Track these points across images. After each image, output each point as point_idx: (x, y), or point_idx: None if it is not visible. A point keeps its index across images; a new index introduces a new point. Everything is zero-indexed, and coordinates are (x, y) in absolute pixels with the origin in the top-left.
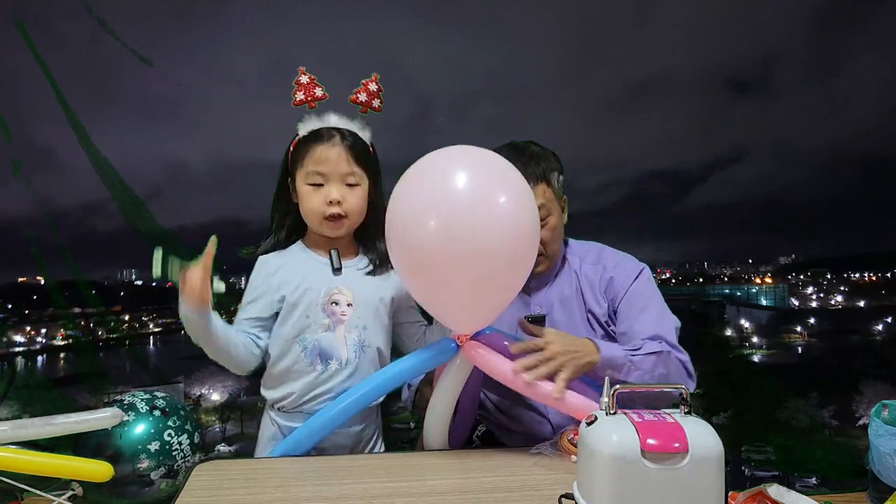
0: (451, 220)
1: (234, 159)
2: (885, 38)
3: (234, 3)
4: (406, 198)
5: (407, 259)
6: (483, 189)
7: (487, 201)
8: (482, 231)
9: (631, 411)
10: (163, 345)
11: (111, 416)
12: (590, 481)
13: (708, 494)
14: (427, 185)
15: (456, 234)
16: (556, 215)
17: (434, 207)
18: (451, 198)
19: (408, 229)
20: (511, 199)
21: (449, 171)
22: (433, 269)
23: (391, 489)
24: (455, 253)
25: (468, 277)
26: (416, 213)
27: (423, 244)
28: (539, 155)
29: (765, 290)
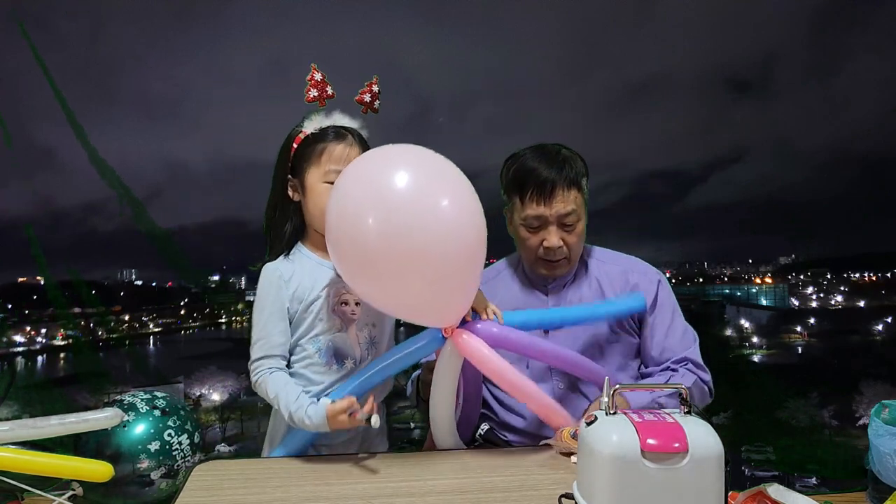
0: (390, 221)
1: (234, 159)
2: (885, 38)
3: (234, 3)
4: (345, 203)
5: (356, 272)
6: (416, 185)
7: (422, 198)
8: (421, 229)
9: (630, 411)
10: (163, 345)
11: (111, 416)
12: (590, 481)
13: (708, 494)
14: (365, 187)
15: (396, 234)
16: (582, 221)
17: (372, 210)
18: (389, 198)
19: (349, 240)
20: (449, 194)
21: (384, 172)
22: (382, 276)
23: (391, 489)
24: (399, 255)
25: (420, 279)
26: (355, 219)
27: (367, 250)
28: (570, 159)
29: (765, 290)
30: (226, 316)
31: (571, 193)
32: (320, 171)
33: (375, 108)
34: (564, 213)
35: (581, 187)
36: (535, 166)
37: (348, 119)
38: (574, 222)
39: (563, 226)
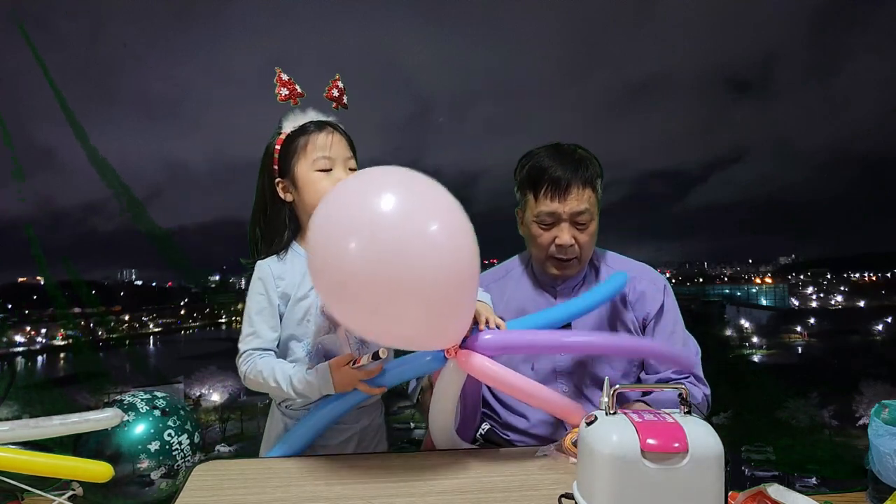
0: (374, 247)
1: (234, 159)
2: (885, 38)
3: (234, 3)
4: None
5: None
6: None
7: (409, 221)
8: (410, 254)
9: (630, 411)
10: (163, 345)
11: (111, 416)
12: (590, 481)
13: (708, 494)
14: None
15: (382, 261)
16: (595, 221)
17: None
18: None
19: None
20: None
21: (371, 195)
22: (371, 307)
23: (391, 489)
24: (388, 283)
25: (413, 307)
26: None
27: (351, 279)
28: (586, 159)
29: (765, 290)
30: (226, 316)
31: (586, 192)
32: (308, 161)
33: (345, 104)
34: (578, 210)
35: (595, 188)
36: (551, 164)
37: (323, 116)
38: (587, 221)
39: (575, 224)
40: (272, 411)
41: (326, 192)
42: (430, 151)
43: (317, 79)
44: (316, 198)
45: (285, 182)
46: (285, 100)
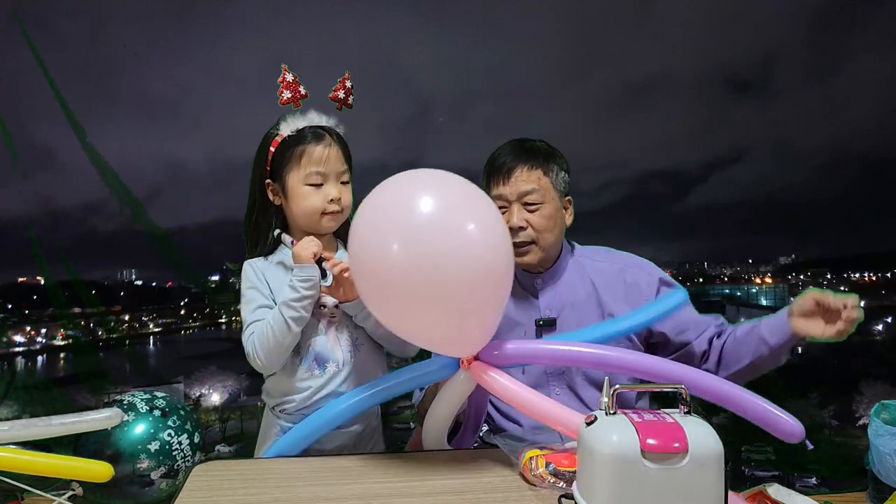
0: (415, 248)
1: (234, 159)
2: (885, 38)
3: (234, 3)
4: (369, 230)
5: (378, 297)
6: (445, 212)
7: (450, 223)
8: (447, 257)
9: (630, 411)
10: (163, 345)
11: (111, 417)
12: (590, 481)
13: (708, 494)
14: (389, 213)
15: (421, 263)
16: (552, 205)
17: (397, 236)
18: (415, 224)
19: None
20: (476, 219)
21: (411, 195)
22: (405, 306)
23: (390, 489)
24: (424, 285)
25: (446, 307)
26: (380, 243)
27: (390, 280)
28: (539, 148)
29: (765, 290)
30: (226, 316)
31: (534, 174)
32: (300, 173)
33: (350, 104)
34: (525, 190)
35: (548, 172)
36: (500, 153)
37: (325, 118)
38: (537, 202)
39: (525, 205)
40: (266, 415)
41: (316, 206)
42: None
43: (317, 79)
44: (304, 210)
45: (275, 186)
46: (287, 103)
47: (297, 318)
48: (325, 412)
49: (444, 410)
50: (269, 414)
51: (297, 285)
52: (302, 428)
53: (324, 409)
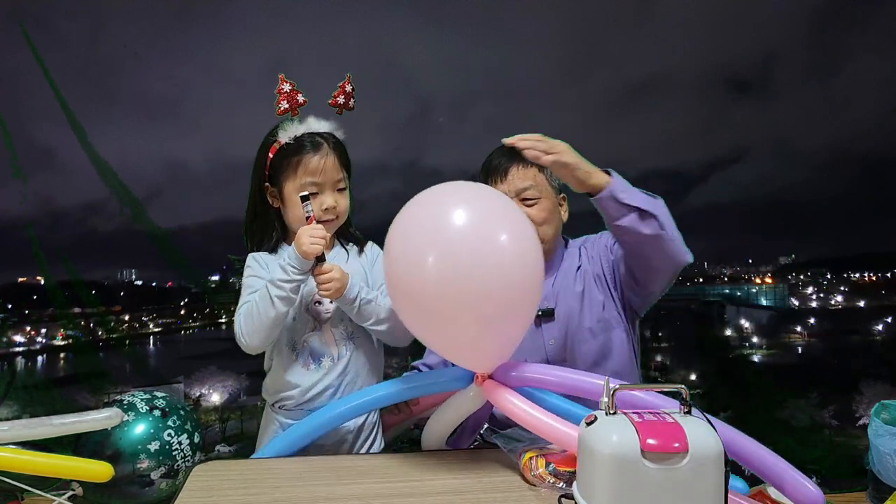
0: (450, 257)
1: (234, 159)
2: (885, 38)
3: (234, 3)
4: (404, 235)
5: (409, 303)
6: (482, 224)
7: (487, 236)
8: (482, 267)
9: (630, 411)
10: (163, 345)
11: (111, 416)
12: (590, 481)
13: (708, 494)
14: (426, 222)
15: (456, 272)
16: (549, 200)
17: (433, 245)
18: (451, 235)
19: (408, 270)
20: (511, 231)
21: (447, 206)
22: (435, 311)
23: (390, 489)
24: (457, 293)
25: (473, 317)
26: (414, 250)
27: (424, 286)
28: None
29: (765, 290)
30: (226, 316)
31: (529, 171)
32: (297, 182)
33: (351, 107)
34: (522, 187)
35: (542, 168)
36: (494, 155)
37: (324, 122)
38: (534, 197)
39: (524, 201)
40: (266, 412)
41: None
42: (430, 151)
43: (317, 79)
44: (299, 219)
45: (273, 190)
46: (284, 113)
47: (282, 297)
48: (326, 411)
49: (448, 419)
50: (269, 411)
51: (288, 269)
52: (303, 426)
53: (326, 409)
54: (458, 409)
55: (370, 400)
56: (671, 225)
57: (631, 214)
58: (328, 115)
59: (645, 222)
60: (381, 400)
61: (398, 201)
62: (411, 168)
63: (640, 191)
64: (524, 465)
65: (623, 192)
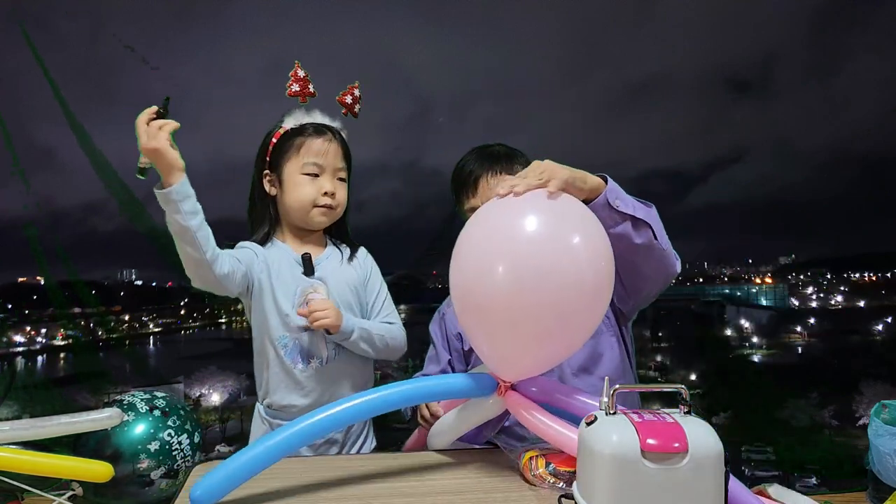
0: (523, 269)
1: (234, 159)
2: (885, 38)
3: (234, 3)
4: (475, 241)
5: (471, 302)
6: (561, 238)
7: (563, 250)
8: (554, 282)
9: (630, 411)
10: (163, 345)
11: (111, 417)
12: (589, 481)
13: (708, 495)
14: (499, 230)
15: (528, 284)
16: None
17: (503, 254)
18: (522, 245)
19: (476, 274)
20: (587, 247)
21: (523, 214)
22: (498, 317)
23: (390, 489)
24: (525, 304)
25: (533, 329)
26: (485, 257)
27: (493, 292)
28: (501, 153)
29: (765, 290)
30: (226, 316)
31: (502, 179)
32: (298, 163)
33: (356, 112)
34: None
35: (512, 173)
36: (464, 164)
37: (329, 119)
38: None
39: None
40: (256, 414)
41: (309, 196)
42: (430, 151)
43: (317, 79)
44: (298, 198)
45: (272, 176)
46: (294, 95)
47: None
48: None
49: (462, 424)
50: (258, 413)
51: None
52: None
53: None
54: (474, 416)
55: (381, 398)
56: (663, 234)
57: (625, 223)
58: (335, 115)
59: (638, 231)
60: (395, 401)
61: (398, 201)
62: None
63: (633, 198)
64: (524, 465)
65: (617, 199)
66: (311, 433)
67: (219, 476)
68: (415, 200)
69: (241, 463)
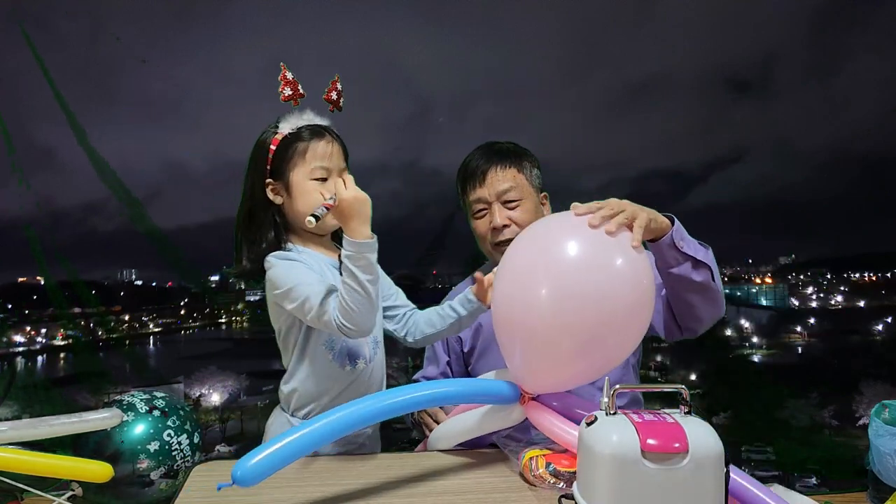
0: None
1: (234, 159)
2: (885, 38)
3: (234, 3)
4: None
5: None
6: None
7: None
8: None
9: (630, 411)
10: (163, 345)
11: (111, 417)
12: (590, 482)
13: (708, 495)
14: (549, 251)
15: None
16: (531, 200)
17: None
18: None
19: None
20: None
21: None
22: (538, 336)
23: (390, 489)
24: (566, 326)
25: (569, 351)
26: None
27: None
28: (508, 149)
29: (765, 290)
30: (226, 316)
31: (508, 172)
32: (306, 168)
33: (340, 106)
34: (502, 189)
35: (522, 169)
36: (471, 159)
37: (318, 117)
38: (516, 198)
39: (506, 204)
40: (279, 416)
41: (319, 201)
42: (430, 151)
43: (317, 79)
44: (308, 206)
45: (277, 185)
46: (287, 100)
47: (371, 279)
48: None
49: (476, 428)
50: (283, 416)
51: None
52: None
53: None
54: (495, 423)
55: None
56: (718, 277)
57: (686, 263)
58: (324, 114)
59: (698, 271)
60: (433, 399)
61: (398, 201)
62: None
63: (693, 239)
64: (524, 465)
65: (682, 240)
66: (350, 423)
67: (261, 457)
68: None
69: (283, 445)
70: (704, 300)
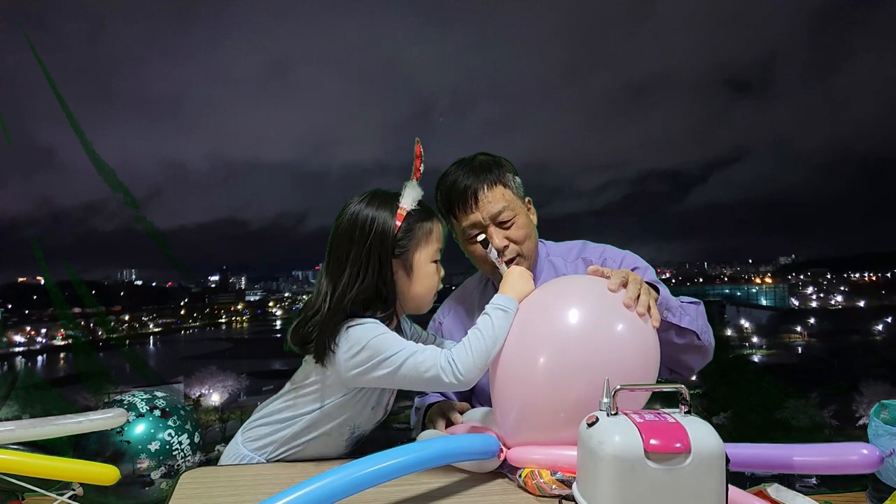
0: (563, 357)
1: (233, 159)
2: (885, 38)
3: (234, 3)
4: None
5: (513, 386)
6: (610, 334)
7: (600, 338)
8: (594, 371)
9: (631, 412)
10: (163, 345)
11: (116, 417)
12: (591, 483)
13: (710, 494)
14: (545, 323)
15: (567, 371)
16: (521, 214)
17: (547, 344)
18: (567, 335)
19: (524, 366)
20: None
21: (564, 306)
22: (537, 406)
23: (390, 490)
24: (562, 388)
25: (564, 421)
26: (536, 344)
27: (534, 376)
28: (488, 163)
29: (765, 290)
30: (226, 316)
31: (497, 191)
32: (429, 250)
33: (420, 174)
34: (497, 211)
35: (506, 184)
36: (455, 179)
37: (416, 190)
38: (510, 218)
39: (500, 225)
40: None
41: (437, 286)
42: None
43: (317, 79)
44: (428, 289)
45: (395, 262)
46: (419, 178)
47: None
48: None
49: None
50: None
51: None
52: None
53: (359, 467)
54: (468, 463)
55: (397, 465)
56: (706, 330)
57: (670, 330)
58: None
59: (682, 335)
60: (410, 467)
61: None
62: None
63: (678, 300)
64: (525, 478)
65: (667, 309)
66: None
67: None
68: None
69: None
70: (691, 356)
